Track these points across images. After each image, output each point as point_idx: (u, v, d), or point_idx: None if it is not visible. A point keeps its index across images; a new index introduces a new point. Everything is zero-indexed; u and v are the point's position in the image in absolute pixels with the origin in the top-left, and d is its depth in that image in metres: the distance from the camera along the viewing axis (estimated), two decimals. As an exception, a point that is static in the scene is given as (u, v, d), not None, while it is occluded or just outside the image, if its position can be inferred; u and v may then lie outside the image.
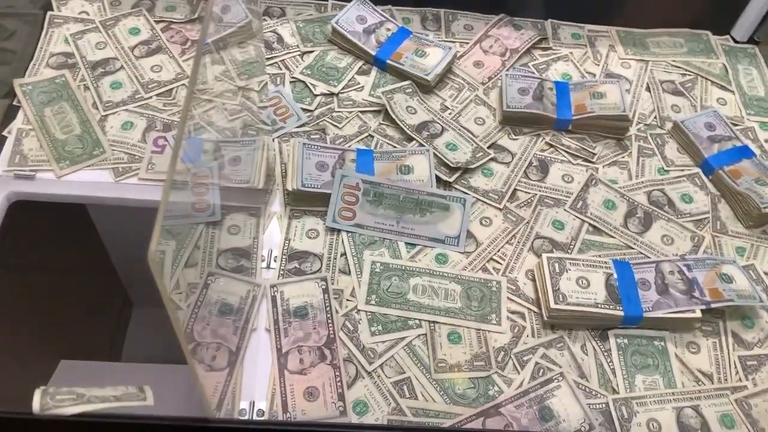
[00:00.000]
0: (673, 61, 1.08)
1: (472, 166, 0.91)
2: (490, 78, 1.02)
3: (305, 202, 0.86)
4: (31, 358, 1.09)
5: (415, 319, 0.78)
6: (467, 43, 1.06)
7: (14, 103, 0.92)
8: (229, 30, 0.89)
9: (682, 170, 0.95)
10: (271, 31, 1.04)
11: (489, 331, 0.78)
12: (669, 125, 1.00)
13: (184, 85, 0.96)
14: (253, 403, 0.72)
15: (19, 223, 0.87)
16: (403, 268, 0.82)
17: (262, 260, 0.82)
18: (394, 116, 0.94)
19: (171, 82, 0.96)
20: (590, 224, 0.88)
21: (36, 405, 0.44)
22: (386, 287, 0.80)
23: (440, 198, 0.85)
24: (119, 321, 1.41)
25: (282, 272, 0.81)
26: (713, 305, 0.79)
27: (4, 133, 0.89)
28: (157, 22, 1.02)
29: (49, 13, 1.01)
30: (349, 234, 0.84)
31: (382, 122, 0.95)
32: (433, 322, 0.78)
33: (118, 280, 1.29)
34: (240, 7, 0.90)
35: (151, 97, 0.94)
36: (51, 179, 0.86)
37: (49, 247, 1.07)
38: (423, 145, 0.91)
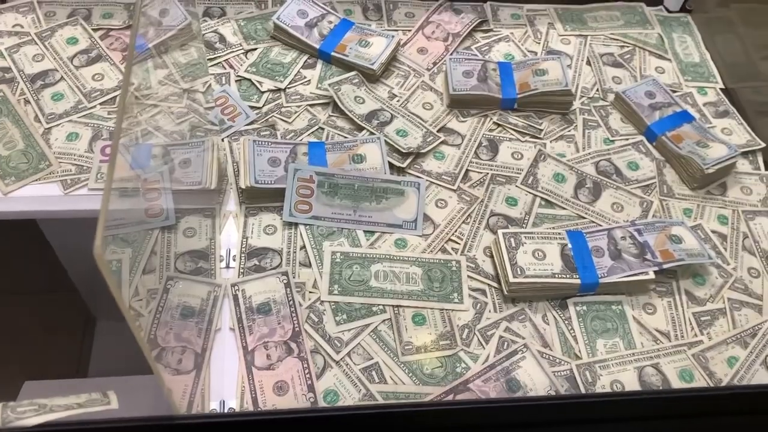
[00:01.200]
0: (611, 34, 1.11)
1: (424, 151, 0.92)
2: (434, 63, 1.04)
3: (260, 198, 0.85)
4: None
5: (378, 305, 0.79)
6: (410, 30, 1.07)
7: (-48, 122, 0.89)
8: (169, 33, 0.88)
9: (627, 139, 0.98)
10: (212, 32, 1.03)
11: (452, 311, 0.79)
12: (611, 97, 1.03)
13: (128, 90, 0.94)
14: (223, 402, 0.72)
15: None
16: (364, 255, 0.82)
17: (221, 260, 0.82)
18: (342, 107, 0.94)
19: (114, 89, 0.94)
20: (542, 198, 0.90)
21: (-5, 419, 0.43)
22: (348, 276, 0.81)
23: (394, 184, 0.86)
24: (83, 336, 1.39)
25: (242, 270, 0.81)
26: (665, 266, 0.82)
27: (-56, 153, 0.86)
28: (95, 30, 1.01)
29: (-19, 28, 0.99)
30: (307, 227, 0.84)
31: (331, 114, 0.95)
32: (397, 306, 0.79)
33: (77, 296, 1.27)
34: (178, 9, 0.89)
35: (95, 107, 0.93)
36: (-2, 197, 0.84)
37: (4, 267, 1.05)
38: (374, 134, 0.92)
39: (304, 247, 0.82)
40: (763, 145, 0.99)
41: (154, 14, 0.97)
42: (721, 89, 1.07)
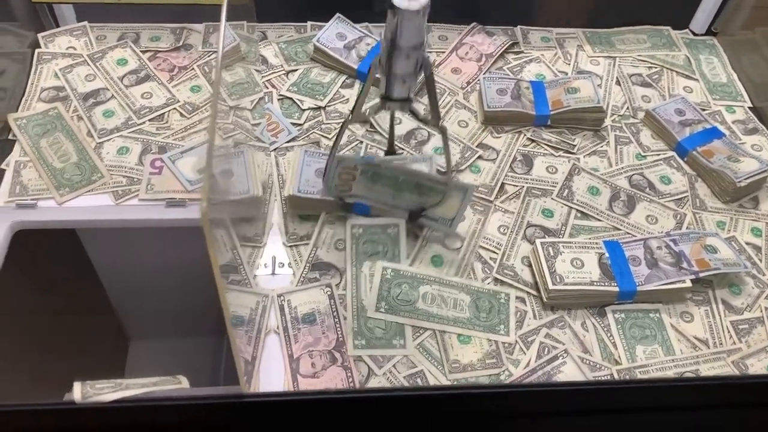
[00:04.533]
0: (639, 56, 1.14)
1: (462, 167, 0.94)
2: (468, 83, 1.07)
3: (305, 208, 0.88)
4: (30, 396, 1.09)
5: (424, 328, 0.80)
6: (443, 52, 1.11)
7: (9, 137, 0.94)
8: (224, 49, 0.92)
9: (658, 154, 1.00)
10: (255, 53, 1.07)
11: (497, 342, 0.80)
12: (641, 114, 1.05)
13: (175, 108, 0.99)
14: (271, 404, 0.73)
15: (22, 253, 0.89)
16: (413, 275, 0.84)
17: (266, 266, 0.84)
18: (380, 130, 0.97)
19: (162, 107, 0.99)
20: (578, 210, 0.92)
21: (77, 394, 0.45)
22: (396, 294, 0.82)
23: (440, 184, 0.86)
24: (115, 356, 1.41)
25: (302, 279, 0.83)
26: (701, 274, 0.83)
27: (2, 166, 0.91)
28: (143, 52, 1.05)
29: (37, 50, 1.04)
30: (353, 243, 0.86)
31: (368, 130, 0.99)
32: (442, 331, 0.80)
33: (113, 314, 1.30)
34: (229, 31, 0.93)
35: (144, 123, 0.97)
36: (53, 206, 0.87)
37: (49, 280, 1.08)
38: (414, 153, 0.95)
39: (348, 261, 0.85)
40: (794, 160, 1.01)
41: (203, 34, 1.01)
42: (749, 108, 1.09)
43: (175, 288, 1.11)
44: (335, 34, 1.07)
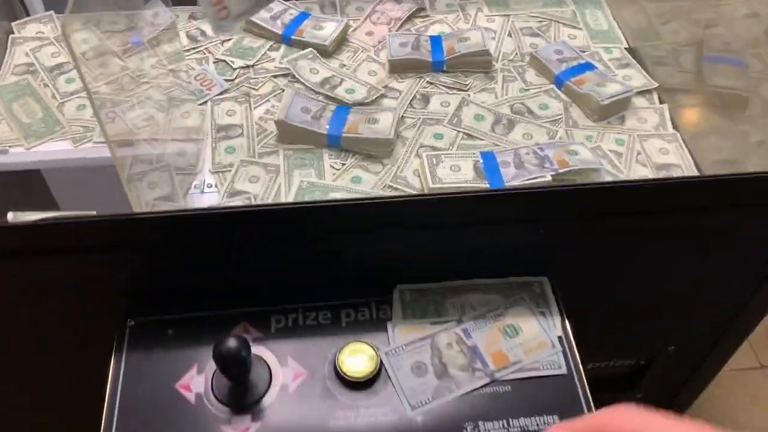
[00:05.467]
0: (530, 13, 1.32)
1: (368, 100, 1.11)
2: (379, 42, 1.24)
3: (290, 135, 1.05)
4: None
5: None
6: (359, 19, 1.29)
7: (-13, 103, 1.12)
8: (159, 30, 1.12)
9: (540, 87, 1.17)
10: (196, 29, 1.26)
11: None
12: (528, 59, 1.22)
13: (127, 74, 1.17)
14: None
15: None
16: (326, 185, 1.00)
17: (196, 188, 1.01)
18: (298, 77, 1.15)
19: (116, 74, 1.17)
20: (464, 133, 1.08)
21: (10, 217, 0.61)
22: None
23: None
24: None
25: (226, 194, 1.00)
26: (560, 170, 0.98)
27: (-19, 125, 1.09)
28: (103, 32, 1.24)
29: (11, 36, 1.23)
30: (285, 159, 1.03)
31: (290, 81, 1.16)
32: None
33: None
34: (165, 11, 1.12)
35: (99, 86, 1.14)
36: (21, 152, 1.05)
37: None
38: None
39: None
40: (657, 84, 1.16)
41: (149, 16, 1.21)
42: (625, 48, 1.25)
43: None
44: (264, 7, 1.25)
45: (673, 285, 0.94)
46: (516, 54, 1.23)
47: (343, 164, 1.04)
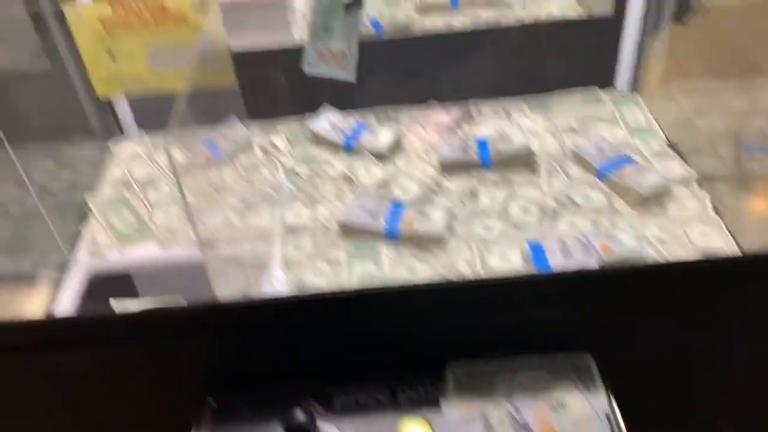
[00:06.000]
0: (570, 113, 1.42)
1: (421, 199, 1.22)
2: (430, 146, 1.36)
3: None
4: None
5: None
6: (411, 127, 1.42)
7: (87, 210, 1.28)
8: (237, 145, 1.28)
9: (582, 181, 1.24)
10: (269, 142, 1.42)
11: None
12: (569, 153, 1.31)
13: (211, 187, 1.32)
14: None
15: (97, 295, 1.19)
16: (384, 276, 1.09)
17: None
18: (357, 181, 1.27)
19: (200, 186, 1.32)
20: (512, 225, 1.16)
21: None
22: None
23: None
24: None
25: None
26: (606, 259, 1.04)
27: (82, 232, 1.24)
28: (189, 150, 1.41)
29: (108, 153, 1.42)
30: (347, 252, 1.13)
31: (350, 185, 1.28)
32: None
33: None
34: (242, 129, 1.29)
35: (186, 196, 1.30)
36: (117, 256, 1.19)
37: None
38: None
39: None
40: (696, 174, 1.22)
41: (228, 134, 1.38)
42: (664, 142, 1.33)
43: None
44: (325, 121, 1.40)
45: (721, 360, 0.96)
46: (558, 151, 1.33)
47: (400, 256, 1.13)
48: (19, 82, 1.39)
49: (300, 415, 0.69)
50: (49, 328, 0.84)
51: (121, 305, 0.75)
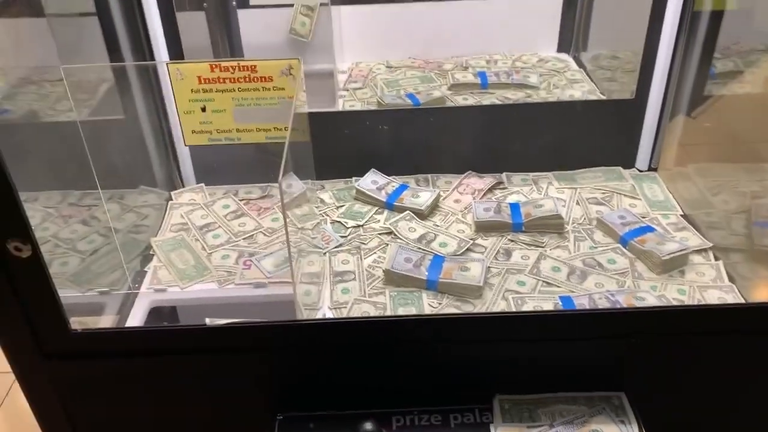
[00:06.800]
0: (595, 186, 1.55)
1: (459, 252, 1.33)
2: (466, 207, 1.49)
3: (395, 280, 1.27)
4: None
5: None
6: (448, 190, 1.55)
7: (150, 252, 1.39)
8: (294, 196, 1.40)
9: (606, 246, 1.36)
10: (317, 198, 1.54)
11: None
12: (594, 222, 1.43)
13: (260, 231, 1.43)
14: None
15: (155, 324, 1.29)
16: None
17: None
18: (399, 234, 1.39)
19: (252, 231, 1.44)
20: (543, 281, 1.27)
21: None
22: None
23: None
24: None
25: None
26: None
27: (145, 269, 1.35)
28: (241, 200, 1.54)
29: (170, 202, 1.54)
30: (391, 298, 1.23)
31: (393, 238, 1.40)
32: None
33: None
34: (298, 183, 1.41)
35: (239, 241, 1.41)
36: (177, 291, 1.29)
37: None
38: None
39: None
40: (711, 244, 1.34)
41: (284, 187, 1.50)
42: (680, 215, 1.45)
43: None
44: (371, 180, 1.53)
45: (748, 402, 1.04)
46: (584, 218, 1.45)
47: (440, 304, 1.23)
48: (93, 130, 1.53)
49: (372, 427, 0.77)
50: (128, 337, 0.93)
51: (217, 321, 0.85)
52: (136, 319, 1.25)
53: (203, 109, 1.06)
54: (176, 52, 1.49)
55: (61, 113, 1.48)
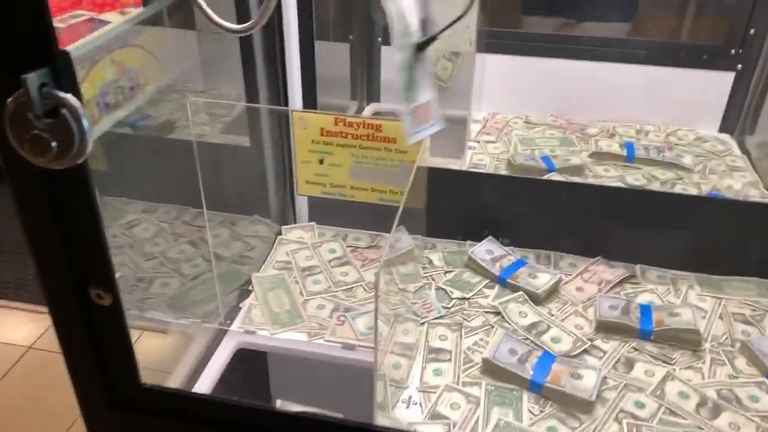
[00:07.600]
0: (744, 300, 1.34)
1: (573, 353, 1.18)
2: (588, 299, 1.33)
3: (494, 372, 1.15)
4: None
5: None
6: (571, 275, 1.40)
7: (249, 288, 1.36)
8: (399, 252, 1.31)
9: (750, 378, 1.15)
10: (425, 257, 1.45)
11: None
12: (738, 345, 1.22)
13: (360, 285, 1.36)
14: None
15: (239, 367, 1.25)
16: (522, 429, 1.06)
17: (402, 402, 1.11)
18: (507, 318, 1.26)
19: (353, 283, 1.37)
20: (667, 408, 1.09)
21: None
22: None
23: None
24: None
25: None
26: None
27: (240, 305, 1.31)
28: (348, 246, 1.47)
29: (279, 236, 1.50)
30: (487, 392, 1.11)
31: (500, 320, 1.27)
32: None
33: None
34: (407, 238, 1.33)
35: (338, 291, 1.34)
36: (266, 335, 1.24)
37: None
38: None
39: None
40: None
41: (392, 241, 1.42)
42: None
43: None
44: (485, 249, 1.42)
45: None
46: (726, 338, 1.25)
47: (542, 411, 1.09)
48: (217, 152, 1.53)
49: None
50: (194, 403, 0.88)
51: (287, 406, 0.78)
52: (221, 358, 1.21)
53: (321, 161, 1.01)
54: (309, 79, 1.46)
55: (196, 125, 1.49)
